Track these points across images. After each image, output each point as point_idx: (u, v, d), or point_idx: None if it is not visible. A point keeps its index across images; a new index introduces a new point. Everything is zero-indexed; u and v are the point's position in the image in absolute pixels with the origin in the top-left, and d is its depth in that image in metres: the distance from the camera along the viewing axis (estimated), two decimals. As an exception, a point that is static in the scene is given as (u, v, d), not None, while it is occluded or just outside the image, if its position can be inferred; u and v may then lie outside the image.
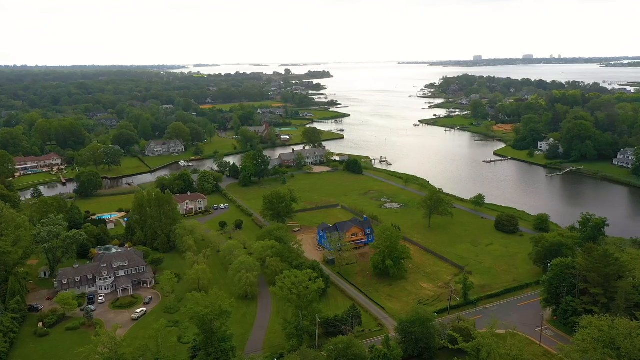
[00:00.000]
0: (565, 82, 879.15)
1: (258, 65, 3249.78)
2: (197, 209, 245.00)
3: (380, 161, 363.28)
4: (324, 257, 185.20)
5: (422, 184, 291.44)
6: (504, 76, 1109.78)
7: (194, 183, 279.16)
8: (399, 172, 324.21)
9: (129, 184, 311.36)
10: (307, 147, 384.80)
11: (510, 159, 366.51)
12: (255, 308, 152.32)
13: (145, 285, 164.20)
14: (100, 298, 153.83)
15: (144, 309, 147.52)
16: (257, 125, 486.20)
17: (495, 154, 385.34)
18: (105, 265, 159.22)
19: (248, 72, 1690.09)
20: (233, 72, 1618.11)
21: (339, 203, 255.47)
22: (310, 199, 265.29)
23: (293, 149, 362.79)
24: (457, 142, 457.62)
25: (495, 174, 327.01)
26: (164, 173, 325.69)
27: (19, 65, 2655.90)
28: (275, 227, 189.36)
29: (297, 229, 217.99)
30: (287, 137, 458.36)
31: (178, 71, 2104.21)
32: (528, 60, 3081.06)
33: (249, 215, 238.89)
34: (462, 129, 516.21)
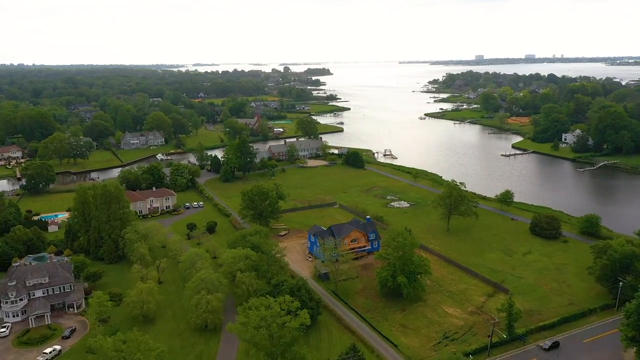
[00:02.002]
0: (577, 77, 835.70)
1: (257, 64, 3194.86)
2: (165, 208, 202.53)
3: (385, 154, 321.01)
4: (315, 270, 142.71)
5: (435, 179, 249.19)
6: (509, 73, 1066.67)
7: (166, 178, 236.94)
8: (406, 166, 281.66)
9: (94, 179, 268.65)
10: (301, 139, 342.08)
11: (532, 152, 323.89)
12: (216, 344, 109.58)
13: (72, 309, 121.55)
14: (2, 330, 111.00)
15: (58, 347, 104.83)
16: (249, 118, 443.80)
17: (514, 147, 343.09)
18: (14, 283, 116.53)
19: (246, 70, 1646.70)
20: (231, 70, 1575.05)
21: (336, 201, 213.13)
22: (302, 196, 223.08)
23: (285, 141, 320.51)
24: (468, 135, 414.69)
25: (516, 169, 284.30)
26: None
27: (15, 64, 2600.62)
28: (252, 231, 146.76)
29: (283, 233, 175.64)
30: (281, 130, 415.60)
31: (175, 70, 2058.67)
32: (530, 60, 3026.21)
33: (227, 216, 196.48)
34: (472, 122, 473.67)
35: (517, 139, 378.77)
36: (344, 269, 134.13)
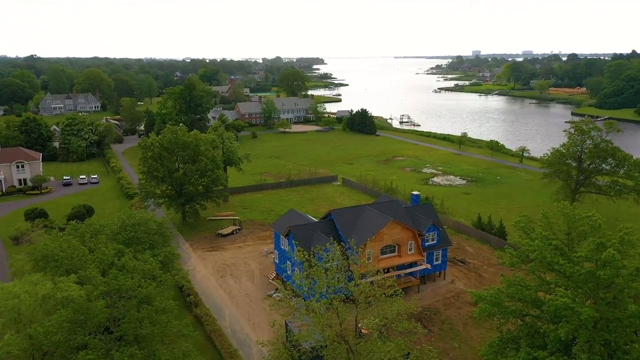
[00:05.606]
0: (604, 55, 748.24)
1: (249, 58, 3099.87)
2: (18, 182, 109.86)
3: (401, 122, 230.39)
4: (287, 334, 49.90)
5: (491, 146, 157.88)
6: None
7: (55, 138, 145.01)
8: (439, 132, 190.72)
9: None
10: (284, 98, 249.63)
11: (607, 118, 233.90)
12: None
13: None
14: None
15: None
16: (224, 86, 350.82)
17: (575, 114, 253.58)
18: None
19: (236, 60, 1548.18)
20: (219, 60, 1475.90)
21: (336, 175, 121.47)
22: (277, 169, 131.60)
23: (260, 98, 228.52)
24: (504, 105, 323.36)
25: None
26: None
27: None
28: (118, 224, 54.26)
29: (228, 231, 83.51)
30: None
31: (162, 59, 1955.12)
32: (529, 56, 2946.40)
33: (130, 198, 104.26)
34: (502, 94, 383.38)
35: (568, 108, 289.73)
36: (369, 333, 41.96)
